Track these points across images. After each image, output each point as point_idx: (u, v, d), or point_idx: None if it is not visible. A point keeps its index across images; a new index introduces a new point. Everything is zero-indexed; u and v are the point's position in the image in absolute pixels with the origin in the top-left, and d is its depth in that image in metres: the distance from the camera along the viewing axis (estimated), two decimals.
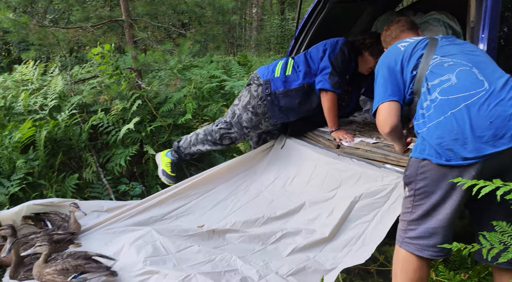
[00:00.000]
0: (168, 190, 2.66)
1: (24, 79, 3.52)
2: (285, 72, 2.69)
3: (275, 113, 2.70)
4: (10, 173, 2.55)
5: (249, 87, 2.79)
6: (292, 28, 10.16)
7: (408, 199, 1.57)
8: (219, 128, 2.83)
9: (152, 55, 3.47)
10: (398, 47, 1.79)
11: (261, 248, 2.22)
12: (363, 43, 2.66)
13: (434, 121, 1.49)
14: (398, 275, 1.59)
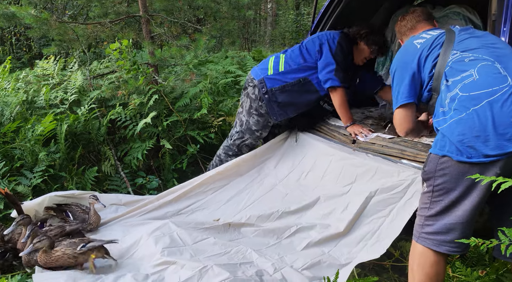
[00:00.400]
0: (183, 186, 2.70)
1: (45, 74, 3.61)
2: (278, 69, 2.69)
3: (274, 111, 2.72)
4: (33, 165, 2.63)
5: (246, 92, 2.81)
6: (307, 23, 10.07)
7: (426, 195, 1.56)
8: (234, 140, 2.90)
9: (168, 51, 3.51)
10: (414, 44, 1.75)
11: (276, 242, 2.24)
12: (359, 33, 2.66)
13: (455, 118, 1.47)
14: (415, 270, 1.58)
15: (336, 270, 1.89)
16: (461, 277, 1.75)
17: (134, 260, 1.97)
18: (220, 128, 3.61)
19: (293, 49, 2.74)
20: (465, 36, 1.68)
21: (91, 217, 2.27)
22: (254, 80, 2.73)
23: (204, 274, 1.81)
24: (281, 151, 2.89)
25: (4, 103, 2.96)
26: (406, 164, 2.19)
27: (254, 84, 2.72)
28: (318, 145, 2.73)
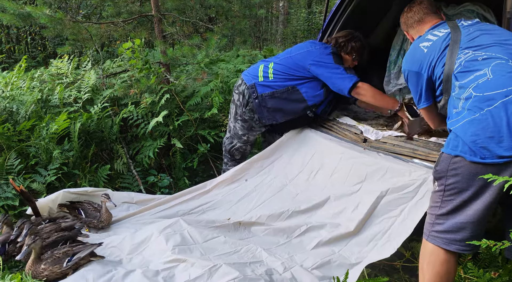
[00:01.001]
0: (196, 189, 2.74)
1: (59, 73, 3.66)
2: (268, 77, 2.73)
3: (263, 114, 2.78)
4: (47, 163, 2.67)
5: (232, 99, 2.91)
6: (319, 22, 10.02)
7: (438, 194, 1.55)
8: (225, 146, 3.01)
9: (180, 50, 3.54)
10: (421, 48, 1.76)
11: (286, 241, 2.24)
12: (336, 43, 2.72)
13: (468, 118, 1.45)
14: (425, 269, 1.58)
15: (346, 270, 1.88)
16: (473, 278, 1.73)
17: (144, 256, 1.99)
18: None
19: (281, 59, 2.75)
20: (476, 33, 1.65)
21: (103, 215, 2.30)
22: (242, 85, 2.79)
23: (214, 272, 1.82)
24: (290, 150, 2.89)
25: (19, 102, 3.02)
26: (417, 164, 2.17)
27: (240, 91, 2.80)
28: (328, 144, 2.72)
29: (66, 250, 1.87)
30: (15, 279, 1.72)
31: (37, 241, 1.81)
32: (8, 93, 3.08)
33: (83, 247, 1.90)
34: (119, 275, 1.79)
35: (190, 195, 2.72)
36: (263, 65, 2.80)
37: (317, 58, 2.62)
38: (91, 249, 1.88)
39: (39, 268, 1.80)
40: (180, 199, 2.67)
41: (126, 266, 1.90)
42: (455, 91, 1.58)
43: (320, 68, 2.60)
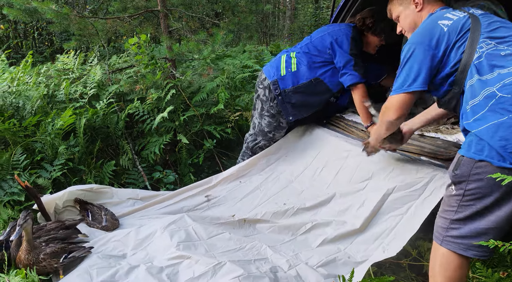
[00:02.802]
0: (200, 184, 2.73)
1: (66, 68, 3.67)
2: (290, 69, 2.65)
3: (288, 111, 2.71)
4: (53, 158, 2.68)
5: (257, 94, 2.82)
6: (326, 17, 9.94)
7: (455, 198, 1.46)
8: (248, 143, 2.94)
9: (186, 45, 3.52)
10: (439, 25, 1.53)
11: (291, 239, 2.22)
12: (364, 23, 2.60)
13: (494, 121, 1.35)
14: (437, 273, 1.52)
15: (351, 268, 1.87)
16: (482, 278, 1.70)
17: (148, 251, 1.99)
18: (237, 123, 3.61)
19: (302, 46, 2.69)
20: (496, 24, 1.52)
21: (108, 222, 2.29)
22: (266, 80, 2.72)
23: (218, 270, 1.81)
24: (296, 147, 2.87)
25: (25, 97, 3.02)
26: (425, 161, 2.14)
27: (265, 85, 2.72)
28: (335, 141, 2.70)
29: (63, 247, 1.89)
30: (20, 274, 1.73)
31: (28, 220, 1.81)
32: (15, 88, 3.09)
33: (77, 248, 1.94)
34: (123, 270, 1.79)
35: (195, 190, 2.71)
36: (285, 56, 2.71)
37: (338, 39, 2.55)
38: (83, 252, 1.91)
39: (38, 257, 1.81)
40: (185, 194, 2.67)
41: (130, 261, 1.90)
42: (472, 83, 1.44)
43: (337, 51, 2.54)
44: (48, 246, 1.87)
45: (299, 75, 2.62)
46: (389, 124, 1.77)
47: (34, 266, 1.79)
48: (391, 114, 1.68)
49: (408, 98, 1.61)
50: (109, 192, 2.58)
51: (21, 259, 1.81)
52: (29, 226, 1.82)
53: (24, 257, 1.80)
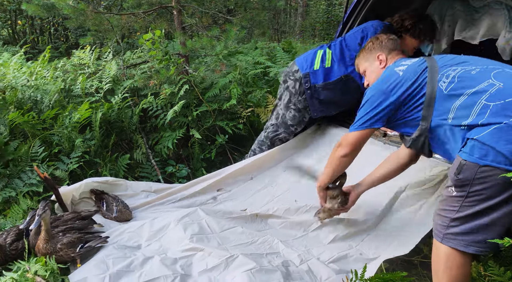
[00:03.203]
0: (213, 175, 2.75)
1: (81, 63, 3.73)
2: (324, 64, 2.60)
3: (315, 107, 2.67)
4: (70, 151, 2.74)
5: (286, 85, 2.76)
6: (339, 14, 9.88)
7: (456, 199, 1.48)
8: (268, 133, 2.88)
9: (199, 41, 3.55)
10: (395, 72, 1.70)
11: (303, 235, 2.24)
12: (403, 25, 2.53)
13: (495, 126, 1.38)
14: (441, 274, 1.52)
15: (363, 264, 1.88)
16: (494, 276, 1.70)
17: (162, 243, 2.03)
18: (249, 119, 3.63)
19: (335, 44, 2.65)
20: (453, 56, 1.65)
21: (119, 212, 2.32)
22: (297, 72, 2.66)
23: (231, 262, 1.84)
24: (309, 144, 2.88)
25: (43, 91, 3.09)
26: (439, 159, 2.14)
27: (296, 77, 2.66)
28: None
29: (80, 236, 1.94)
30: (40, 262, 1.78)
31: (46, 211, 1.85)
32: (33, 83, 3.15)
33: (93, 238, 1.98)
34: (138, 261, 1.83)
35: (208, 181, 2.71)
36: (322, 51, 2.66)
37: (369, 34, 2.50)
38: (99, 241, 1.96)
39: (56, 246, 1.85)
40: (198, 186, 2.68)
41: (144, 252, 1.94)
42: (452, 114, 1.51)
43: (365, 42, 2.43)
44: (65, 236, 1.92)
45: (332, 72, 2.59)
46: (341, 159, 1.89)
47: (52, 255, 1.84)
48: (345, 149, 1.84)
49: (365, 135, 1.78)
50: (124, 184, 2.63)
51: (40, 248, 1.86)
52: (47, 216, 1.87)
53: (43, 246, 1.85)
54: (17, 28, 6.86)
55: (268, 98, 3.74)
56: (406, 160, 1.95)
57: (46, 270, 1.74)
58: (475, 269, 1.74)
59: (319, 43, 8.17)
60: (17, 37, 6.82)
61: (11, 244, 1.89)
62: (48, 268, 1.74)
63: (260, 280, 1.72)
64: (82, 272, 1.75)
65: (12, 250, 1.89)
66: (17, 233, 1.96)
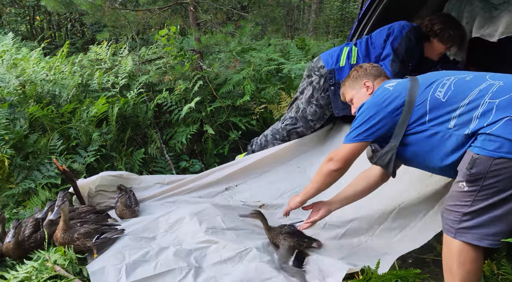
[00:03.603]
0: (225, 166, 2.78)
1: (98, 59, 3.79)
2: (350, 61, 2.58)
3: (338, 105, 2.64)
4: (87, 144, 2.80)
5: (310, 79, 2.74)
6: (353, 11, 9.80)
7: (468, 193, 1.47)
8: (285, 125, 2.88)
9: (214, 37, 3.57)
10: (386, 88, 1.72)
11: (314, 230, 2.25)
12: (432, 29, 2.47)
13: (506, 118, 1.38)
14: (455, 269, 1.51)
15: (373, 260, 1.88)
16: (507, 274, 1.69)
17: (177, 235, 2.07)
18: (262, 116, 3.65)
19: (361, 41, 2.63)
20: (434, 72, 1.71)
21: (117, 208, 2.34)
22: (322, 68, 2.65)
23: (245, 256, 1.87)
24: (324, 141, 2.89)
25: (61, 86, 3.15)
26: None
27: (321, 73, 2.65)
28: None
29: (96, 228, 1.99)
30: (59, 251, 1.83)
31: (65, 202, 1.92)
32: (52, 77, 3.22)
33: (110, 229, 2.04)
34: (154, 251, 1.88)
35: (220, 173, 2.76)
36: (348, 48, 2.64)
37: (395, 31, 2.47)
38: (115, 233, 2.01)
39: (73, 236, 1.91)
40: (211, 177, 2.72)
41: (159, 242, 1.99)
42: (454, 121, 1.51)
43: (387, 42, 2.48)
44: (82, 227, 1.98)
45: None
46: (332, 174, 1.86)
47: (69, 245, 1.89)
48: (337, 164, 1.81)
49: (357, 148, 1.75)
50: (138, 179, 2.68)
51: (57, 237, 1.92)
52: (66, 207, 1.93)
53: (60, 235, 1.91)
54: (35, 24, 6.99)
55: (281, 94, 3.75)
56: (376, 178, 1.98)
57: (65, 259, 1.79)
58: (488, 268, 1.73)
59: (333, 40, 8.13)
60: (35, 33, 6.95)
61: (29, 237, 1.96)
62: (67, 258, 1.80)
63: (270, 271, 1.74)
64: (100, 262, 1.79)
65: (31, 242, 1.95)
66: (34, 225, 2.02)
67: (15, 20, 6.77)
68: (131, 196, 2.45)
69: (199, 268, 1.81)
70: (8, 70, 3.12)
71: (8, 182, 2.50)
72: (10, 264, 1.88)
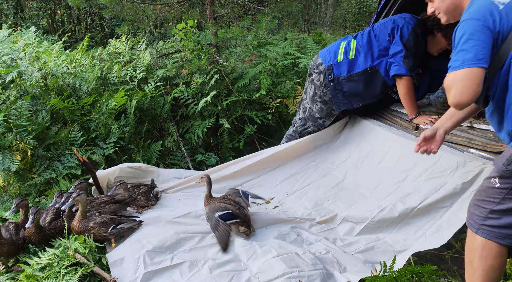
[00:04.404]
0: (241, 159, 2.80)
1: (117, 52, 3.84)
2: (348, 56, 2.57)
3: (338, 99, 2.64)
4: (106, 136, 2.85)
5: (311, 78, 2.75)
6: (371, 5, 9.65)
7: (499, 190, 1.43)
8: (296, 127, 2.91)
9: (231, 31, 3.58)
10: (495, 3, 1.40)
11: (330, 225, 2.26)
12: (438, 23, 2.43)
13: None
14: (476, 263, 1.50)
15: (390, 256, 1.88)
16: None
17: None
18: (278, 110, 3.65)
19: (363, 34, 2.60)
20: None
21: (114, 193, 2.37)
22: (320, 65, 2.66)
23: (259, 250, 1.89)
24: (339, 136, 2.87)
25: (82, 79, 3.21)
26: (473, 154, 2.08)
27: (320, 70, 2.66)
28: (379, 131, 2.67)
29: (113, 218, 2.04)
30: (79, 240, 1.88)
31: (81, 194, 1.97)
32: (72, 70, 3.29)
33: (127, 220, 2.08)
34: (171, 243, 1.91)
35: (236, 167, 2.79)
36: (345, 43, 2.63)
37: (400, 25, 2.44)
38: (132, 224, 2.06)
39: (88, 225, 1.96)
40: (226, 171, 2.75)
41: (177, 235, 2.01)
42: None
43: (394, 36, 2.45)
44: (99, 217, 2.03)
45: (356, 63, 2.55)
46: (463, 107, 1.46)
47: (85, 233, 1.95)
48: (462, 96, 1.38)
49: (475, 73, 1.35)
50: (156, 172, 2.73)
51: (74, 226, 1.98)
52: (83, 199, 1.99)
53: (76, 224, 1.97)
54: (56, 18, 7.12)
55: (297, 89, 3.74)
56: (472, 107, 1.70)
57: (85, 247, 1.84)
58: (510, 266, 1.70)
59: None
60: (56, 27, 7.08)
61: (50, 223, 2.02)
62: (87, 246, 1.84)
63: (289, 266, 1.75)
64: (119, 252, 1.83)
65: (51, 229, 2.02)
66: (55, 213, 2.09)
67: (37, 14, 6.91)
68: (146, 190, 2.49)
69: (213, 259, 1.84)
70: (30, 63, 3.20)
71: (30, 172, 2.57)
72: (33, 251, 1.95)
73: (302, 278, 1.69)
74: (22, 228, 1.99)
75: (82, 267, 1.72)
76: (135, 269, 1.73)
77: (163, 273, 1.72)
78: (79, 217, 1.97)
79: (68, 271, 1.68)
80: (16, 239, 1.90)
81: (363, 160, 2.64)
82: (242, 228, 2.04)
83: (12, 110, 2.56)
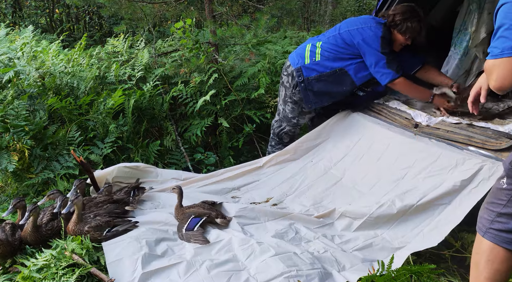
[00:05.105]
0: (240, 166, 2.80)
1: (115, 51, 3.83)
2: (314, 59, 2.65)
3: (309, 98, 2.73)
4: (104, 136, 2.84)
5: (281, 81, 2.86)
6: (371, 2, 9.61)
7: (505, 192, 1.39)
8: (273, 129, 3.01)
9: (229, 30, 3.56)
10: None
11: (327, 223, 2.25)
12: (393, 20, 2.55)
13: None
14: (482, 266, 1.46)
15: (388, 254, 1.87)
16: None
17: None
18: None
19: (329, 37, 2.66)
20: None
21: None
22: (290, 67, 2.74)
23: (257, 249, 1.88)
24: (336, 133, 2.86)
25: (79, 78, 3.20)
26: (473, 152, 2.07)
27: (288, 72, 2.75)
28: (376, 128, 2.66)
29: (108, 221, 2.02)
30: (76, 241, 1.87)
31: (79, 197, 1.97)
32: (70, 69, 3.27)
33: (122, 222, 2.06)
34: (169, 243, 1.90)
35: (234, 172, 2.78)
36: (310, 45, 2.72)
37: (366, 39, 2.52)
38: (127, 226, 2.04)
39: (83, 228, 1.95)
40: (225, 175, 2.75)
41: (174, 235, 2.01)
42: None
43: (366, 50, 2.53)
44: (94, 219, 2.01)
45: (323, 65, 2.63)
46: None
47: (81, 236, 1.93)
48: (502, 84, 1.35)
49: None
50: (154, 172, 2.71)
51: (69, 229, 1.97)
52: (79, 202, 1.98)
53: (71, 228, 1.96)
54: (54, 17, 7.10)
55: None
56: None
57: (82, 248, 1.83)
58: None
59: None
60: (54, 26, 7.06)
61: (47, 224, 2.01)
62: (84, 247, 1.83)
63: (287, 265, 1.74)
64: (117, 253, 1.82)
65: (48, 229, 2.00)
66: (52, 213, 2.08)
67: (35, 13, 6.89)
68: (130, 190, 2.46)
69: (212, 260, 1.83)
70: (28, 62, 3.18)
71: (28, 172, 2.57)
72: (30, 252, 1.94)
73: (300, 278, 1.68)
74: (19, 229, 1.98)
75: (80, 268, 1.71)
76: (132, 270, 1.71)
77: (161, 273, 1.71)
78: (74, 221, 1.97)
79: (65, 272, 1.67)
80: (12, 240, 1.89)
81: (362, 158, 2.63)
82: (219, 219, 2.11)
83: (9, 110, 2.55)
